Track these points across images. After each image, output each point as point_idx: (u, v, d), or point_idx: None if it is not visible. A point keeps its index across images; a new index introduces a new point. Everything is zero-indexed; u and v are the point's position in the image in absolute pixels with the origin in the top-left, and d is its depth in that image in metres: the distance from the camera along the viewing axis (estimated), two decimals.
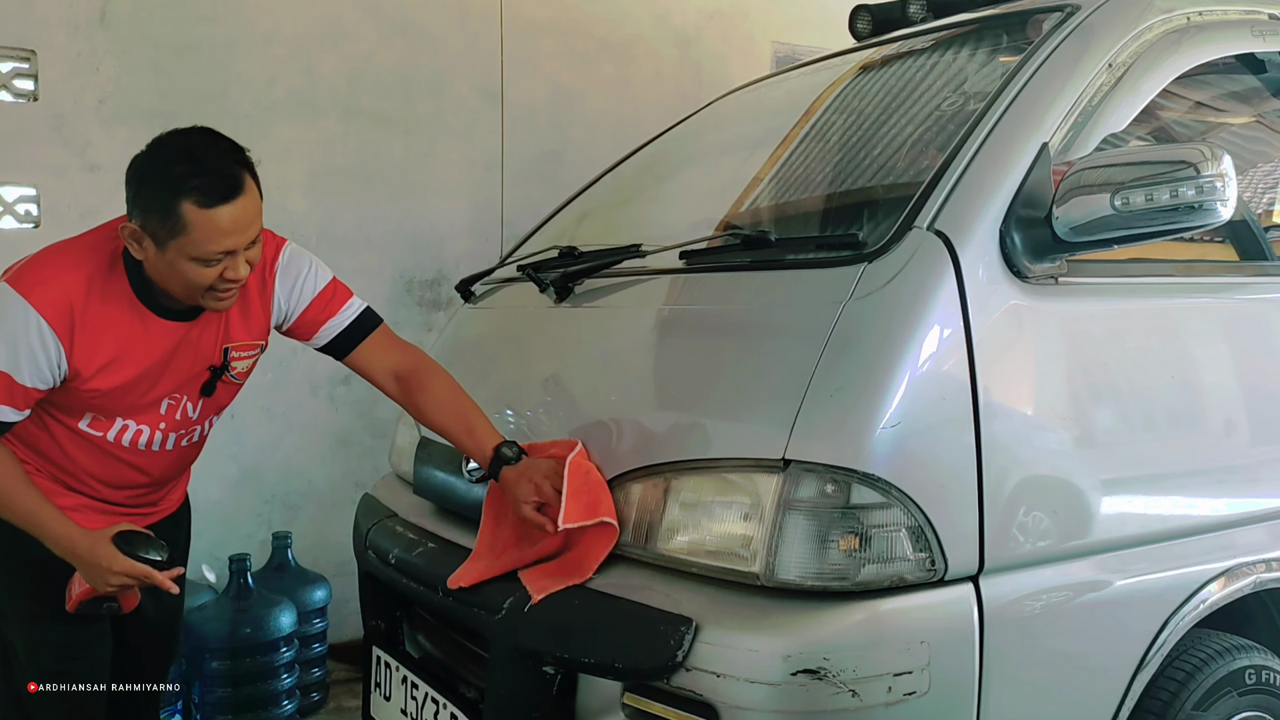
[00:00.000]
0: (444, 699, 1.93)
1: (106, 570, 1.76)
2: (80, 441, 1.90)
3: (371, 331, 2.04)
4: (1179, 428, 1.79)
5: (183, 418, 1.95)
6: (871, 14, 2.72)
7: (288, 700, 3.08)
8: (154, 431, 1.93)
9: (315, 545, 3.45)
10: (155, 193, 1.68)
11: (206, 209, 1.67)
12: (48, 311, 1.71)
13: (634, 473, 1.71)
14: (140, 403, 1.87)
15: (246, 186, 1.72)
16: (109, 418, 1.87)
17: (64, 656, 1.94)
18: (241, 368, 1.98)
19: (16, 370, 1.72)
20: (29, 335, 1.70)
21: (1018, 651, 1.58)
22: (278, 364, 3.57)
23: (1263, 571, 1.81)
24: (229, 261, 1.73)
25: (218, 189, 1.67)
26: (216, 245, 1.69)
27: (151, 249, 1.72)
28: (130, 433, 1.91)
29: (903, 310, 1.55)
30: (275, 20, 3.56)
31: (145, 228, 1.70)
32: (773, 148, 2.46)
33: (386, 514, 2.27)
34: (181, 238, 1.68)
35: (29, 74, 3.25)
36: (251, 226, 1.74)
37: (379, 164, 3.74)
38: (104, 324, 1.77)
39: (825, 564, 1.50)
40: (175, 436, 1.97)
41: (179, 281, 1.74)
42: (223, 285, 1.76)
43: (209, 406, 2.00)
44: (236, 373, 1.97)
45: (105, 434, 1.89)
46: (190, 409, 1.95)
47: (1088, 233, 1.62)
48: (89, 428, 1.88)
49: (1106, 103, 1.80)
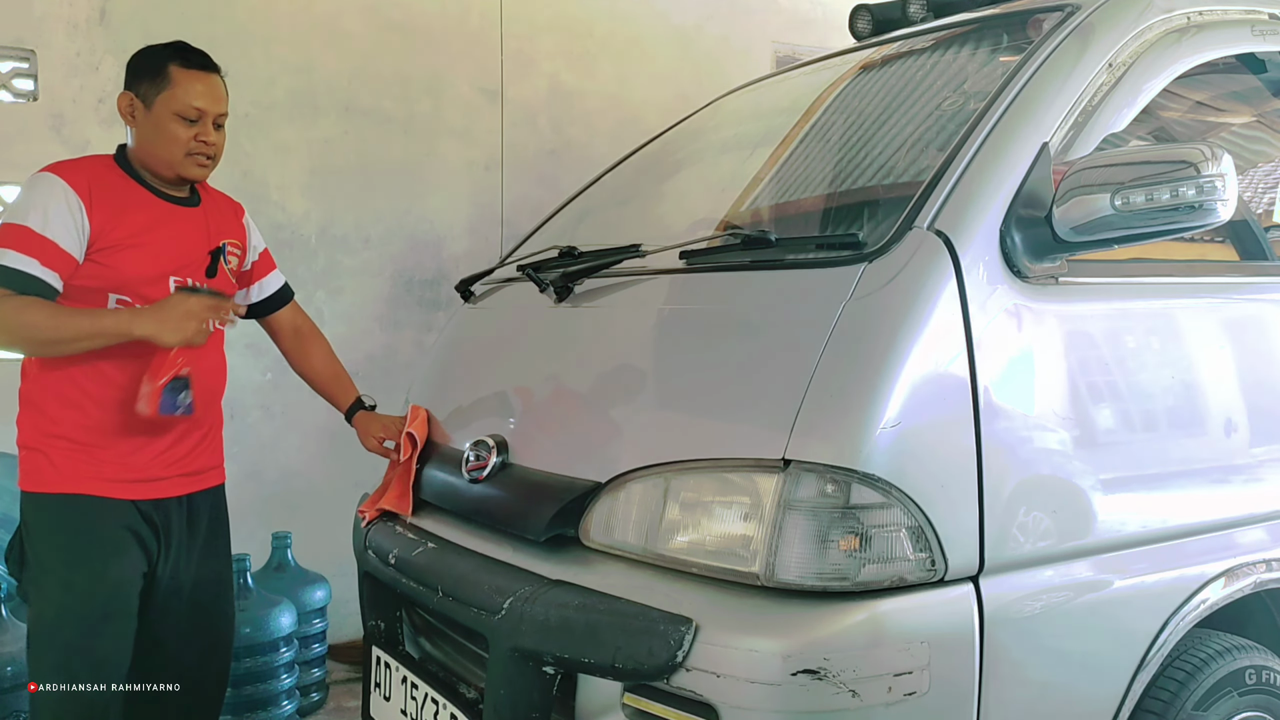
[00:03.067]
0: (444, 699, 1.93)
1: (188, 305, 1.98)
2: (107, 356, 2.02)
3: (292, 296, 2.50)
4: (1179, 428, 1.79)
5: None
6: (871, 14, 2.72)
7: (287, 700, 3.08)
8: None
9: (315, 545, 3.45)
10: (148, 60, 2.11)
11: (187, 68, 2.10)
12: (70, 178, 2.03)
13: (634, 473, 1.71)
14: (153, 277, 2.08)
15: (219, 74, 2.17)
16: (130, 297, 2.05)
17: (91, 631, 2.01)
18: (233, 264, 2.28)
19: (47, 227, 1.97)
20: (55, 195, 2.00)
21: (1018, 651, 1.58)
22: (278, 364, 3.55)
23: (1263, 571, 1.81)
24: (201, 127, 2.10)
25: (197, 58, 2.14)
26: (194, 100, 2.09)
27: (141, 111, 2.10)
28: None
29: (903, 310, 1.55)
30: (275, 20, 3.56)
31: (137, 91, 2.10)
32: (773, 148, 2.46)
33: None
34: (166, 91, 2.08)
35: (29, 74, 3.25)
36: (221, 102, 2.15)
37: (378, 163, 3.75)
38: (115, 194, 2.08)
39: (825, 564, 1.49)
40: None
41: (164, 142, 2.09)
42: (197, 147, 2.11)
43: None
44: (231, 268, 2.27)
45: None
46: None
47: (1088, 232, 1.62)
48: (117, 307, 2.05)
49: (1106, 103, 1.80)
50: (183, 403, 2.01)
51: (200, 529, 2.22)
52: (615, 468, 1.74)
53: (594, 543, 1.76)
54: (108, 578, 2.03)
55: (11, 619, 2.60)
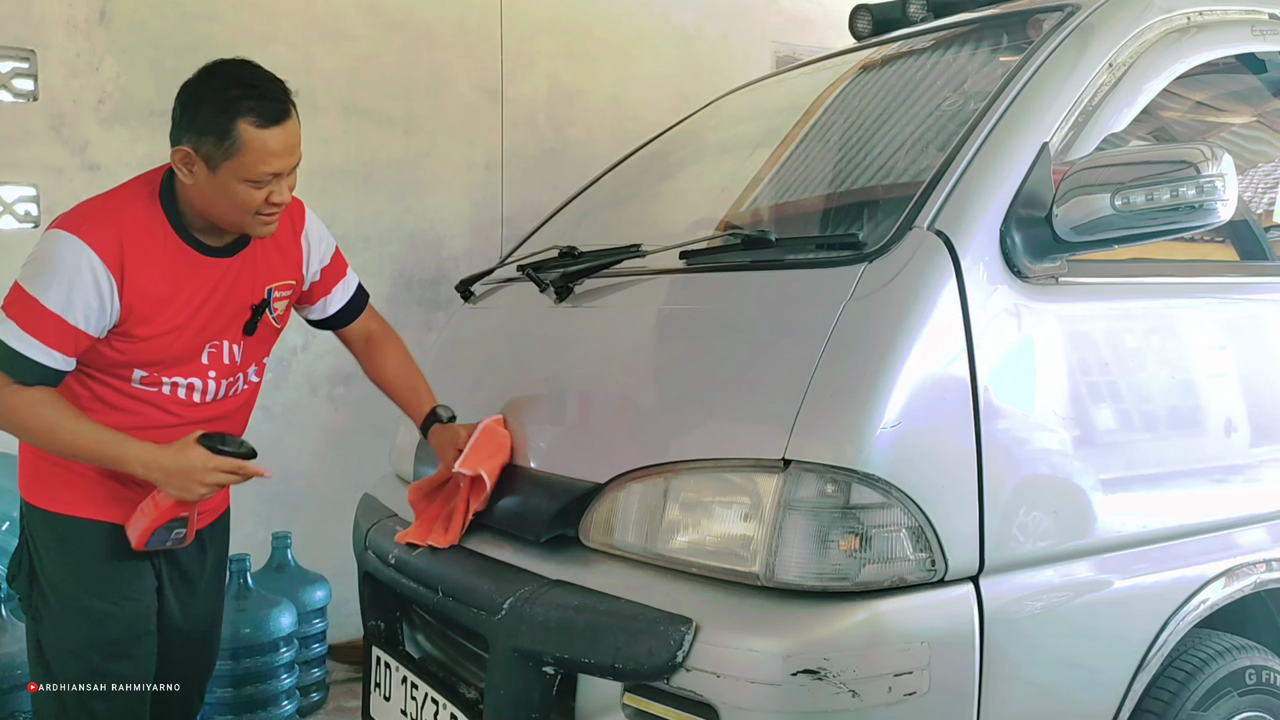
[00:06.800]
0: (444, 699, 1.93)
1: (202, 469, 1.76)
2: (133, 406, 1.88)
3: (367, 302, 2.24)
4: (1179, 428, 1.79)
5: (230, 362, 1.96)
6: (871, 14, 2.72)
7: (287, 700, 3.08)
8: (205, 382, 1.93)
9: (315, 545, 3.45)
10: (212, 114, 1.76)
11: (261, 129, 1.76)
12: (100, 246, 1.75)
13: (634, 473, 1.71)
14: (186, 350, 1.89)
15: (293, 112, 1.83)
16: (158, 372, 1.88)
17: (115, 654, 1.92)
18: (281, 308, 2.04)
19: (69, 310, 1.74)
20: (82, 272, 1.74)
21: (1018, 652, 1.58)
22: (278, 364, 3.57)
23: (1263, 571, 1.81)
24: (275, 185, 1.81)
25: (271, 111, 1.78)
26: (268, 166, 1.78)
27: (203, 172, 1.78)
28: (182, 388, 1.91)
29: (903, 310, 1.55)
30: (275, 20, 3.55)
31: (199, 150, 1.77)
32: (773, 148, 2.46)
33: (386, 514, 2.27)
34: (236, 158, 1.75)
35: (29, 74, 3.25)
36: (296, 150, 1.84)
37: (378, 163, 3.74)
38: (151, 260, 1.82)
39: (825, 564, 1.49)
40: (226, 384, 1.97)
41: (227, 205, 1.81)
42: (267, 209, 1.83)
43: (251, 349, 2.00)
44: (277, 314, 2.03)
45: (158, 389, 1.89)
46: (236, 352, 1.97)
47: (1088, 233, 1.62)
48: (141, 385, 1.88)
49: (1106, 103, 1.80)
50: (175, 538, 1.86)
51: (208, 562, 2.13)
52: (615, 468, 1.74)
53: (594, 543, 1.76)
54: (127, 605, 1.93)
55: (11, 619, 2.60)
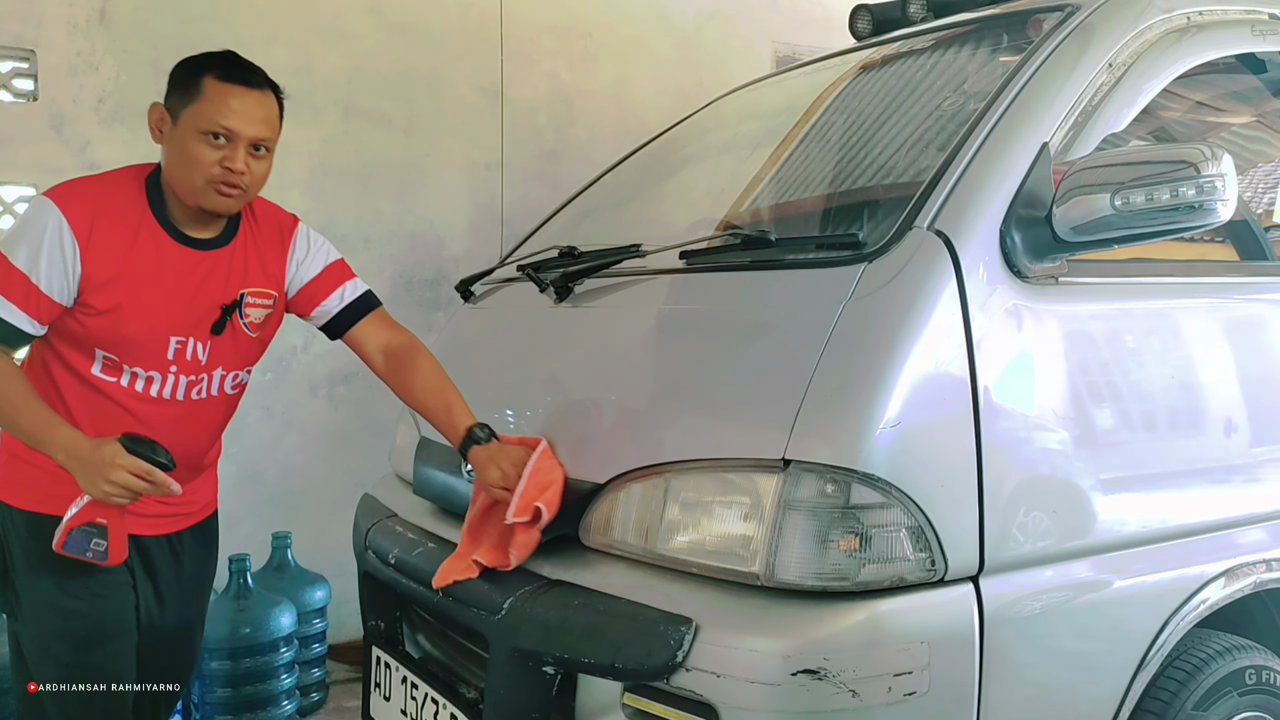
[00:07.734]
0: (444, 699, 1.93)
1: (109, 464, 1.69)
2: (93, 399, 1.88)
3: (371, 310, 2.12)
4: (1179, 428, 1.79)
5: (193, 359, 1.94)
6: (871, 14, 2.72)
7: (287, 700, 3.08)
8: (165, 376, 1.92)
9: (315, 545, 3.45)
10: (184, 70, 1.85)
11: (223, 82, 1.81)
12: (70, 212, 1.80)
13: (634, 473, 1.71)
14: (147, 335, 1.88)
15: (266, 91, 1.87)
16: (119, 358, 1.87)
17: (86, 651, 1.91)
18: (255, 316, 2.00)
19: (34, 269, 1.78)
20: (49, 233, 1.78)
21: (1018, 652, 1.58)
22: (278, 364, 3.58)
23: (1263, 571, 1.81)
24: (230, 150, 1.82)
25: (239, 73, 1.84)
26: (223, 118, 1.80)
27: (168, 126, 1.84)
28: (141, 380, 1.90)
29: (903, 310, 1.55)
30: (275, 20, 3.56)
31: (168, 104, 1.85)
32: (773, 148, 2.46)
33: (386, 514, 2.27)
34: (193, 105, 1.81)
35: (29, 74, 3.25)
36: (260, 124, 1.84)
37: (378, 163, 3.75)
38: (120, 235, 1.85)
39: (825, 564, 1.49)
40: (187, 383, 1.95)
41: (184, 166, 1.83)
42: (222, 176, 1.82)
43: (218, 352, 1.97)
44: (249, 321, 1.99)
45: (117, 380, 1.89)
46: (200, 350, 1.94)
47: (1088, 233, 1.62)
48: (101, 373, 1.88)
49: (1106, 103, 1.80)
50: (95, 549, 1.77)
51: (186, 567, 2.09)
52: (615, 468, 1.74)
53: (594, 543, 1.76)
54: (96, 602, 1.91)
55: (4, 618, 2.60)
